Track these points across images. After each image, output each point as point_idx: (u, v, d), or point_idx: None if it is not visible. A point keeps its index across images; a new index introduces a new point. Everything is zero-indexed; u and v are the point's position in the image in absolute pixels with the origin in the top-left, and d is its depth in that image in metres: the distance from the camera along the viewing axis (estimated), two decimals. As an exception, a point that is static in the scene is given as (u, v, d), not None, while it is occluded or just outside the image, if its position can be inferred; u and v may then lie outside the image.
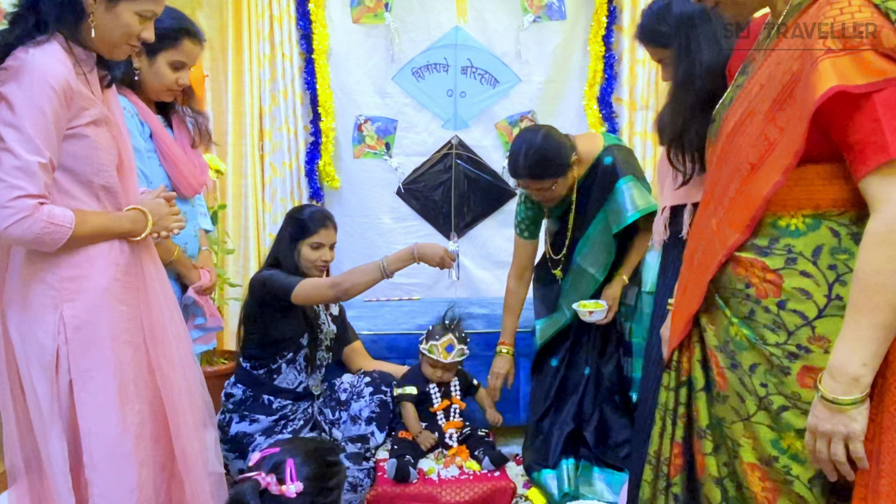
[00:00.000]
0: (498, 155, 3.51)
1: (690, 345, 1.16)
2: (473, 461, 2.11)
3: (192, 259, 1.97)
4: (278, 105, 3.36)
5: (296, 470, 1.18)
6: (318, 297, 2.07)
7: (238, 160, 3.33)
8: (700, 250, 1.12)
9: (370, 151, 3.47)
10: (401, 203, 3.51)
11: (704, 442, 1.12)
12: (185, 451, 1.48)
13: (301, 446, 1.26)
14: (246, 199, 3.33)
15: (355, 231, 3.51)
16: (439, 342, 2.14)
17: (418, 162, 3.49)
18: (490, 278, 3.58)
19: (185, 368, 1.52)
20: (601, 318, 2.16)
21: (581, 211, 2.19)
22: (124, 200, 1.40)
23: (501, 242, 3.55)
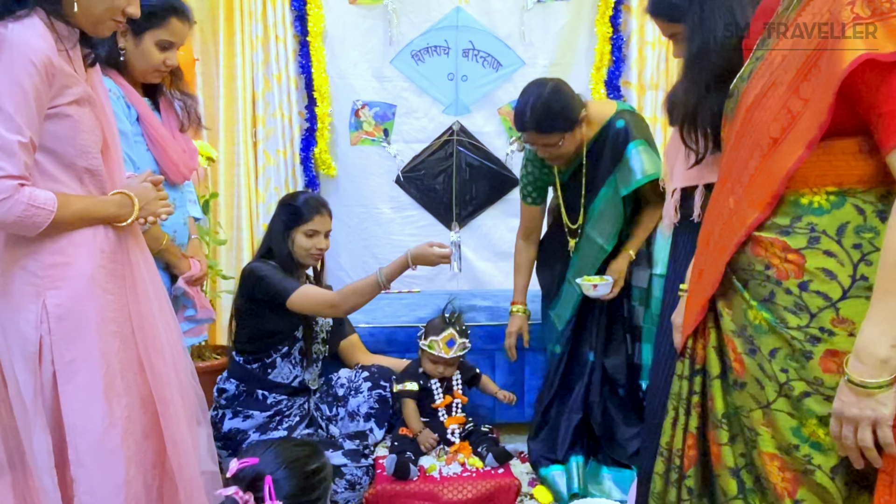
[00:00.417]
0: (501, 141, 3.50)
1: (705, 331, 1.15)
2: (476, 458, 2.10)
3: (182, 248, 1.96)
4: (272, 90, 3.34)
5: (275, 487, 1.15)
6: (315, 312, 2.12)
7: (230, 147, 3.31)
8: (717, 231, 1.11)
9: (368, 138, 3.45)
10: (400, 192, 3.50)
11: (720, 432, 1.11)
12: (178, 447, 1.46)
13: (281, 456, 1.20)
14: (238, 188, 3.32)
15: (353, 221, 3.50)
16: (440, 337, 2.13)
17: (418, 149, 3.47)
18: (493, 270, 3.57)
19: (175, 361, 1.50)
20: (606, 292, 2.13)
21: (591, 175, 2.17)
22: (109, 184, 1.38)
23: (505, 233, 3.54)
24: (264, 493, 1.14)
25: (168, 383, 1.46)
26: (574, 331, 2.29)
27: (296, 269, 2.19)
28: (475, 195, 3.52)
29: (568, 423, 2.25)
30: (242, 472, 1.18)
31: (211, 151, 2.78)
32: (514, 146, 3.49)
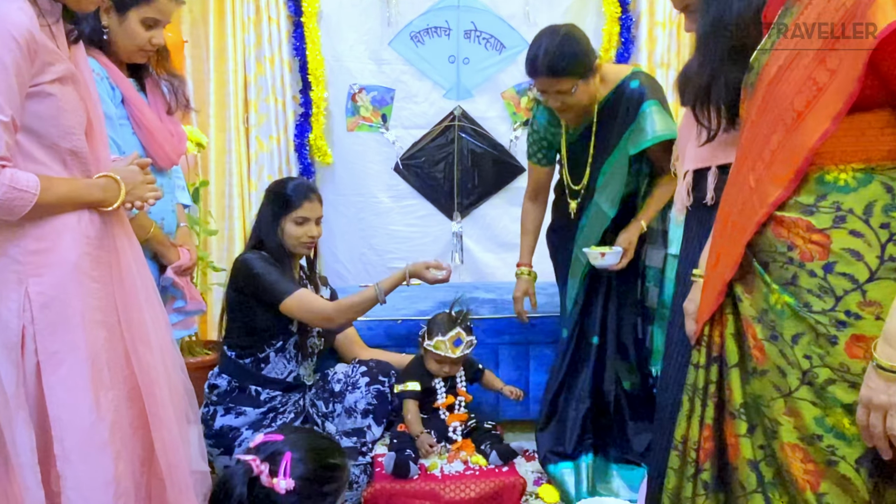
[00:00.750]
0: (505, 127, 3.48)
1: (723, 317, 1.14)
2: (479, 455, 2.10)
3: (170, 237, 1.95)
4: (264, 73, 3.32)
5: (291, 465, 1.18)
6: (308, 322, 2.14)
7: (221, 134, 3.30)
8: (735, 211, 1.10)
9: (365, 124, 3.44)
10: (399, 180, 3.48)
11: (738, 423, 1.10)
12: (166, 444, 1.45)
13: (305, 441, 1.25)
14: (230, 177, 3.30)
15: (349, 211, 3.49)
16: (446, 338, 2.13)
17: (418, 135, 3.46)
18: (496, 262, 3.56)
19: (163, 353, 1.49)
20: (614, 262, 2.11)
21: (602, 135, 2.16)
22: (94, 167, 1.37)
23: (509, 223, 3.53)
24: (279, 467, 1.17)
25: (156, 377, 1.45)
26: (581, 313, 2.28)
27: (288, 260, 2.18)
28: (477, 183, 3.51)
29: (576, 412, 2.24)
30: (264, 445, 1.22)
31: (201, 137, 2.77)
32: (517, 132, 3.48)
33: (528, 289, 2.41)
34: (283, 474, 1.17)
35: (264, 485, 1.17)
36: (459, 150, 3.46)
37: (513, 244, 3.48)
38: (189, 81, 3.18)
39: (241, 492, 1.16)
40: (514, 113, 3.47)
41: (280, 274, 2.08)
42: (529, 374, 2.62)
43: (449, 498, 1.95)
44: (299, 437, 1.26)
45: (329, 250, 3.49)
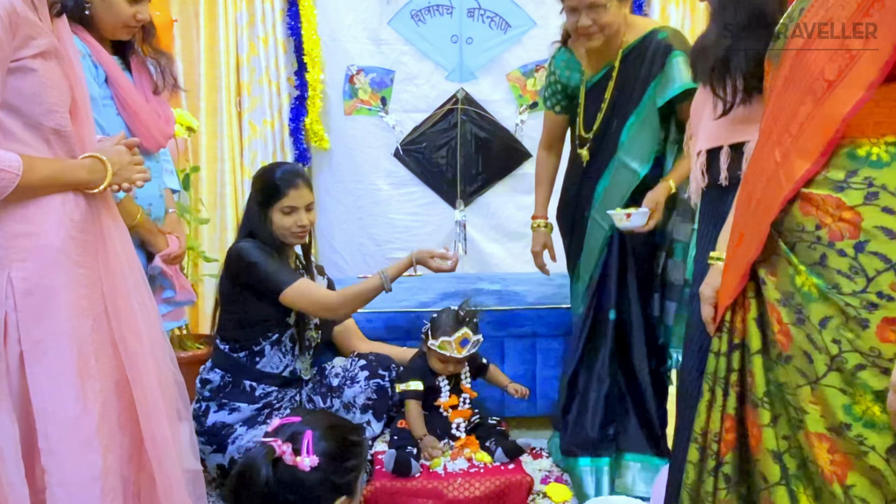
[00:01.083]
0: (510, 110, 3.46)
1: (745, 301, 1.13)
2: (484, 453, 2.08)
3: (158, 223, 1.94)
4: (258, 54, 3.31)
5: (314, 443, 1.22)
6: (311, 313, 2.13)
7: (212, 117, 3.28)
8: (760, 189, 1.09)
9: (364, 107, 3.42)
10: (399, 166, 3.47)
11: (760, 412, 1.09)
12: (156, 438, 1.45)
13: (323, 420, 1.30)
14: (222, 163, 3.30)
15: (347, 199, 3.48)
16: (452, 338, 2.11)
17: (419, 119, 3.44)
18: (501, 252, 3.56)
19: (153, 343, 1.49)
20: (640, 224, 2.07)
21: (623, 83, 2.15)
22: (79, 147, 1.35)
23: (514, 211, 3.53)
24: (302, 446, 1.21)
25: (145, 368, 1.44)
26: (596, 288, 2.26)
27: (283, 249, 2.16)
28: (482, 170, 3.49)
29: (597, 393, 2.22)
30: (283, 427, 1.26)
31: (191, 121, 2.77)
32: (523, 116, 3.46)
33: (546, 241, 2.45)
34: (307, 452, 1.21)
35: (288, 464, 1.20)
36: (462, 135, 3.44)
37: (519, 233, 3.52)
38: (178, 63, 3.17)
39: (266, 473, 1.19)
40: (520, 96, 3.46)
41: (279, 263, 2.07)
42: (536, 369, 2.60)
43: (452, 497, 1.94)
44: (317, 416, 1.31)
45: (326, 240, 3.48)
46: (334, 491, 1.25)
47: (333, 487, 1.25)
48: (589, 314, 2.26)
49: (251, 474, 1.20)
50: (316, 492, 1.22)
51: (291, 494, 1.21)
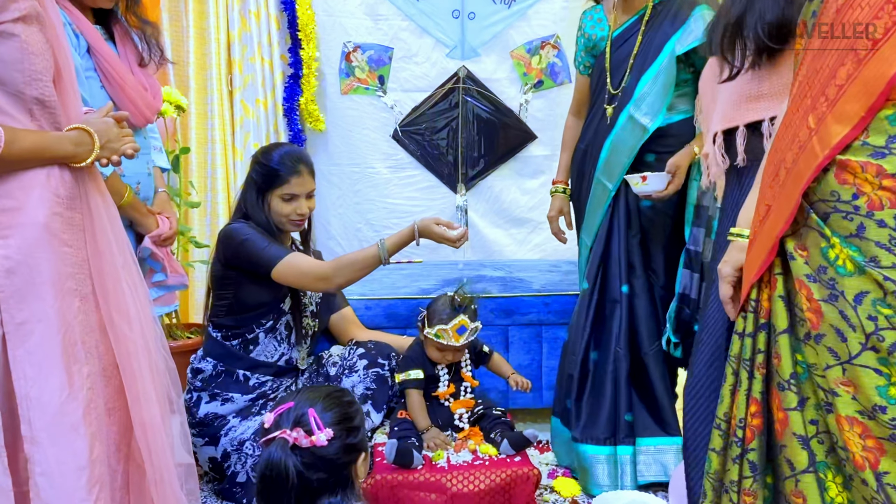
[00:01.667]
0: (514, 89, 3.44)
1: (771, 278, 1.11)
2: (489, 445, 2.07)
3: (147, 203, 1.92)
4: (249, 30, 3.28)
5: (320, 417, 1.29)
6: (304, 286, 2.10)
7: (202, 96, 3.25)
8: (790, 157, 1.06)
9: (361, 86, 3.40)
10: (398, 148, 3.45)
11: (787, 395, 1.07)
12: (146, 427, 1.43)
13: (314, 393, 1.35)
14: (213, 144, 3.27)
15: (344, 183, 3.47)
16: (449, 326, 2.09)
17: (419, 99, 3.43)
18: (505, 238, 3.55)
19: (143, 327, 1.47)
20: (658, 188, 2.04)
21: (649, 34, 2.15)
22: (64, 119, 1.33)
23: (518, 196, 3.52)
24: (311, 425, 1.27)
25: (135, 352, 1.42)
26: (602, 259, 2.24)
27: (278, 236, 2.15)
28: (484, 152, 3.48)
29: (615, 373, 2.19)
30: (281, 417, 1.30)
31: (180, 99, 2.73)
32: (528, 95, 3.44)
33: (563, 207, 2.45)
34: (319, 428, 1.27)
35: (306, 447, 1.26)
36: (464, 116, 3.42)
37: (523, 219, 3.51)
38: (166, 39, 3.14)
39: (294, 463, 1.24)
40: (525, 74, 3.43)
41: (270, 241, 2.05)
42: (542, 359, 2.60)
43: (456, 490, 1.93)
44: (305, 394, 1.34)
45: (322, 225, 3.46)
46: (353, 451, 1.32)
47: (351, 448, 1.32)
48: (595, 288, 2.24)
49: (278, 474, 1.24)
50: (341, 459, 1.29)
51: (321, 473, 1.27)
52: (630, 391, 2.20)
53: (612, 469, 2.16)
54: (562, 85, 3.47)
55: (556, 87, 3.47)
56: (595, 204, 2.25)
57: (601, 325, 2.25)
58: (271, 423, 1.30)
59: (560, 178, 2.47)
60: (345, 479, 1.31)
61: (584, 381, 2.25)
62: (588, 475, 2.16)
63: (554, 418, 2.37)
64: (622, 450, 2.17)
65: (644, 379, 2.22)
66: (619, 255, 2.22)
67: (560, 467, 2.32)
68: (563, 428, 2.31)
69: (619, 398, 2.19)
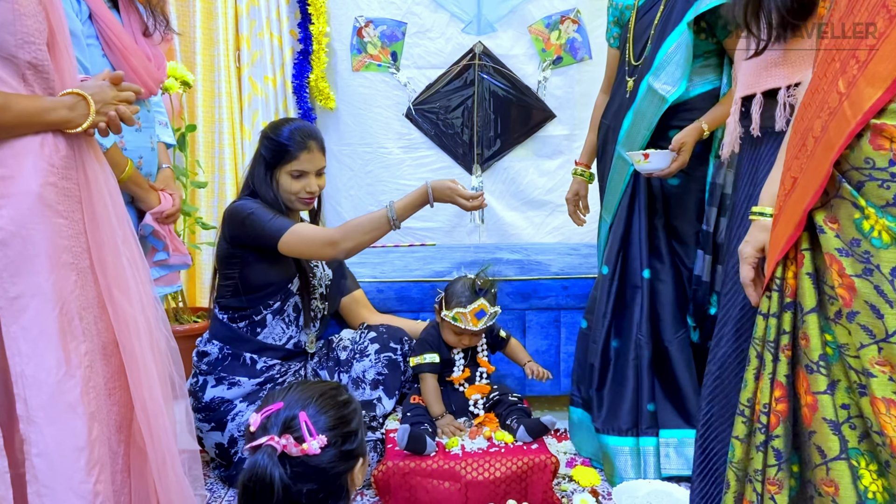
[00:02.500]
0: (532, 66, 3.41)
1: (797, 255, 1.07)
2: (505, 432, 2.05)
3: (150, 179, 1.91)
4: (258, 4, 3.27)
5: (312, 422, 1.19)
6: (311, 253, 2.06)
7: (209, 73, 3.25)
8: (819, 125, 1.02)
9: (373, 63, 3.38)
10: (411, 128, 3.44)
11: (816, 377, 1.03)
12: (147, 408, 1.41)
13: (307, 393, 1.25)
14: (220, 123, 3.27)
15: (355, 164, 3.46)
16: (468, 309, 2.06)
17: (433, 76, 3.41)
18: (522, 222, 3.52)
19: (144, 304, 1.45)
20: (661, 167, 2.01)
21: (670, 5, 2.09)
22: (59, 84, 1.31)
23: (536, 177, 3.50)
24: (302, 431, 1.18)
25: (135, 330, 1.40)
26: (622, 242, 2.20)
27: (286, 215, 2.12)
28: (500, 132, 3.45)
29: (637, 361, 2.16)
30: (269, 420, 1.21)
31: (186, 75, 2.72)
32: (547, 72, 3.39)
33: (580, 190, 2.43)
34: (311, 434, 1.18)
35: (296, 456, 1.17)
36: (480, 94, 3.40)
37: (541, 201, 3.49)
38: (172, 13, 3.12)
39: (280, 474, 1.14)
40: (544, 50, 3.39)
41: (275, 214, 2.03)
42: (561, 344, 2.57)
43: (471, 478, 1.90)
44: (297, 393, 1.25)
45: (332, 207, 3.44)
46: (350, 458, 1.24)
47: (348, 455, 1.23)
48: (615, 273, 2.20)
49: (262, 486, 1.15)
50: (335, 469, 1.20)
51: (312, 484, 1.18)
52: (653, 380, 2.16)
53: (635, 460, 2.13)
54: (582, 61, 3.43)
55: (575, 63, 3.43)
56: (616, 179, 2.21)
57: (622, 311, 2.22)
58: (258, 426, 1.20)
59: (583, 159, 2.43)
60: (338, 489, 1.23)
61: (605, 371, 2.21)
62: (612, 466, 2.14)
63: (573, 408, 2.33)
64: (645, 441, 2.13)
65: (667, 368, 2.18)
66: (640, 237, 2.18)
67: (579, 456, 2.28)
68: (584, 417, 2.27)
69: (641, 388, 2.15)
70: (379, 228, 1.96)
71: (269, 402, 1.23)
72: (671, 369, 2.18)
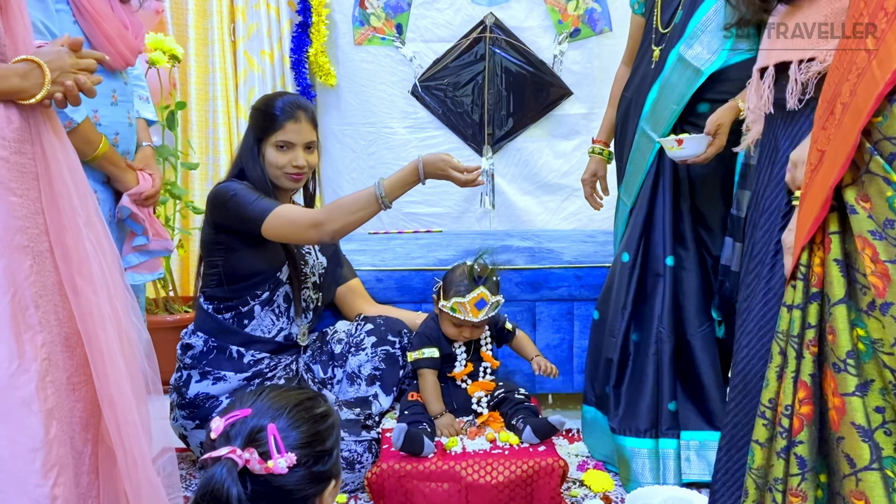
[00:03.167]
0: (547, 39, 3.37)
1: (824, 238, 1.02)
2: (510, 432, 2.00)
3: (128, 157, 1.88)
4: (254, -27, 3.25)
5: (282, 437, 1.11)
6: (296, 236, 2.00)
7: (202, 47, 3.25)
8: (846, 90, 0.96)
9: (376, 36, 3.36)
10: (417, 106, 3.42)
11: (844, 377, 0.97)
12: (114, 402, 1.36)
13: (279, 402, 1.17)
14: (214, 100, 3.27)
15: (357, 145, 3.44)
16: (466, 299, 2.01)
17: (441, 50, 3.38)
18: (536, 207, 3.50)
19: (111, 291, 1.40)
20: (696, 153, 1.93)
21: None
22: (11, 50, 1.26)
23: (550, 159, 3.47)
24: (269, 446, 1.09)
25: (101, 320, 1.35)
26: (644, 228, 2.13)
27: (275, 195, 2.09)
28: (513, 110, 3.42)
29: (658, 356, 2.09)
30: (234, 428, 1.12)
31: (175, 48, 2.69)
32: (563, 46, 3.34)
33: (599, 170, 2.36)
34: (278, 451, 1.09)
35: (259, 473, 1.08)
36: (491, 69, 3.36)
37: (556, 185, 3.45)
38: (163, -16, 3.09)
39: (238, 493, 1.05)
40: (560, 22, 3.35)
41: (260, 196, 2.00)
42: (574, 338, 2.52)
43: (471, 480, 1.86)
44: (268, 401, 1.16)
45: (333, 190, 3.42)
46: (321, 481, 1.15)
47: (318, 478, 1.14)
48: (637, 260, 2.13)
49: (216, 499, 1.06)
50: (302, 492, 1.11)
51: None
52: (674, 377, 2.09)
53: (654, 464, 2.06)
54: (601, 34, 3.38)
55: (594, 36, 3.38)
56: (638, 158, 2.13)
57: (642, 302, 2.15)
58: (219, 434, 1.11)
59: (601, 137, 2.36)
60: None
61: (623, 366, 2.15)
62: (628, 469, 2.07)
63: (586, 407, 2.28)
64: (665, 443, 2.07)
65: (690, 364, 2.11)
66: (663, 221, 2.11)
67: (592, 459, 2.22)
68: (598, 417, 2.21)
69: (661, 385, 2.08)
70: (367, 208, 1.90)
71: (236, 407, 1.15)
72: (694, 365, 2.11)
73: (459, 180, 1.90)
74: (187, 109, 3.18)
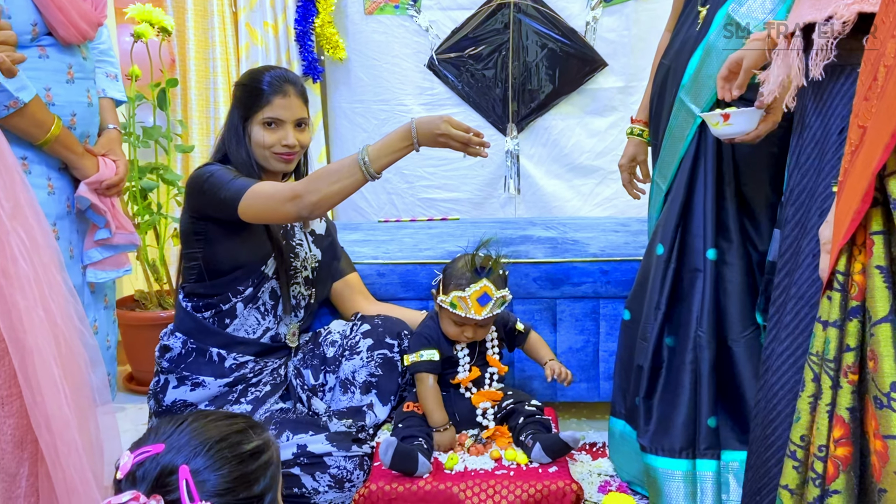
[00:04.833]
0: (579, 5, 3.30)
1: (867, 239, 0.93)
2: (517, 449, 1.92)
3: (89, 142, 1.85)
4: (255, -63, 3.27)
5: (196, 483, 1.00)
6: (274, 213, 1.90)
7: (200, 19, 3.25)
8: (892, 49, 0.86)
9: (389, 4, 3.33)
10: (434, 81, 3.36)
11: (888, 415, 0.88)
12: (49, 418, 1.32)
13: (199, 436, 1.06)
14: (214, 77, 3.27)
15: (369, 123, 3.43)
16: (468, 293, 1.92)
17: (460, 18, 3.31)
18: (566, 192, 3.44)
19: (46, 294, 1.35)
20: (746, 129, 1.78)
21: None
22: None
23: (583, 138, 3.41)
24: (180, 492, 0.99)
25: (31, 325, 1.30)
26: (681, 216, 2.01)
27: (262, 178, 2.02)
28: (540, 85, 3.34)
29: (696, 363, 1.97)
30: (142, 468, 1.02)
31: (164, 19, 2.66)
32: (597, 11, 3.26)
33: (638, 154, 2.28)
34: (191, 500, 0.99)
35: None
36: (516, 39, 3.29)
37: (589, 168, 3.40)
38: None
39: None
40: (591, -15, 3.30)
41: (238, 175, 1.93)
42: (600, 340, 2.42)
43: (471, 505, 1.77)
44: (187, 434, 1.05)
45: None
46: None
47: None
48: (673, 253, 2.01)
49: None
50: None
51: None
52: (714, 389, 1.97)
53: (690, 488, 1.94)
54: (640, -2, 3.29)
55: (632, 0, 3.28)
56: (676, 135, 2.01)
57: (679, 301, 2.04)
58: (125, 474, 1.01)
59: (641, 116, 2.26)
60: None
61: (656, 375, 2.04)
62: (659, 494, 1.96)
63: (615, 419, 2.17)
64: (703, 465, 1.95)
65: (730, 373, 1.99)
66: (704, 208, 1.98)
67: (615, 479, 2.11)
68: (627, 431, 2.10)
69: (700, 397, 1.96)
70: (350, 177, 1.78)
71: (150, 440, 1.05)
72: (735, 375, 1.98)
73: (461, 139, 1.77)
74: (186, 88, 3.19)
